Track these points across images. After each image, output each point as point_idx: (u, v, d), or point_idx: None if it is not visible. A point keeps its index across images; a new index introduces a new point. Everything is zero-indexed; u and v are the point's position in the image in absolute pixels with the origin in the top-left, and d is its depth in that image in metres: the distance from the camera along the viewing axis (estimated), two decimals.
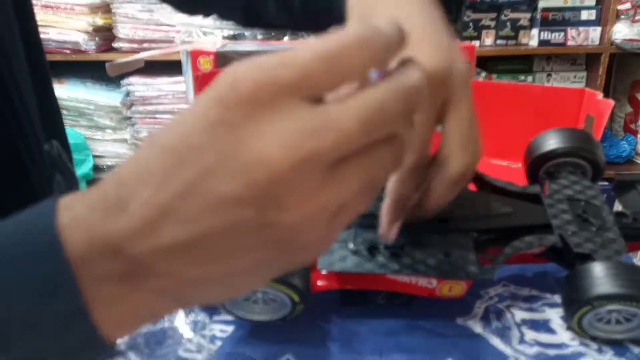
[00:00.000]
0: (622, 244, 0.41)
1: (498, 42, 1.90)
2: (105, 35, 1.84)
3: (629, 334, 0.38)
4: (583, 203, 0.44)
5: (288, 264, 0.22)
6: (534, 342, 0.39)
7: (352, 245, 0.39)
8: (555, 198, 0.44)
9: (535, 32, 1.86)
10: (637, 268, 0.37)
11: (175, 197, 0.19)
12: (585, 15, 1.86)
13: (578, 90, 0.68)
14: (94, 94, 1.86)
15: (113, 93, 1.88)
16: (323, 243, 0.22)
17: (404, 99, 0.20)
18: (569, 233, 0.41)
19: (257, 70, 0.19)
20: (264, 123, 0.19)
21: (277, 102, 0.19)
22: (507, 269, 0.47)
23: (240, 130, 0.19)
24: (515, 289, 0.45)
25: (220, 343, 0.39)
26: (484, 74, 1.94)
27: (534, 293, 0.45)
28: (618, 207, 0.47)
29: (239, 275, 0.21)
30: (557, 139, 0.48)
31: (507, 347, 0.39)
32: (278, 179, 0.18)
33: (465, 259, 0.39)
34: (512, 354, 0.38)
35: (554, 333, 0.40)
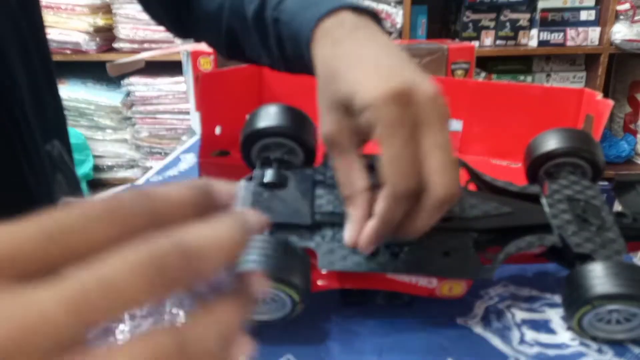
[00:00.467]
0: (622, 244, 0.41)
1: (497, 42, 1.90)
2: (106, 36, 1.84)
3: (629, 334, 0.38)
4: (583, 203, 0.44)
5: None
6: (534, 342, 0.39)
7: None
8: (555, 198, 0.44)
9: (535, 32, 1.86)
10: (637, 268, 0.37)
11: None
12: (585, 16, 1.86)
13: (577, 91, 0.68)
14: (95, 94, 1.87)
15: (113, 93, 1.89)
16: None
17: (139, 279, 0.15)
18: (569, 233, 0.41)
19: None
20: None
21: None
22: (507, 269, 0.47)
23: None
24: (516, 289, 0.45)
25: None
26: (484, 74, 1.94)
27: (534, 293, 0.45)
28: (618, 207, 0.47)
29: None
30: (556, 139, 0.48)
31: (507, 347, 0.39)
32: None
33: (466, 259, 0.39)
34: (512, 354, 0.38)
35: (554, 333, 0.40)
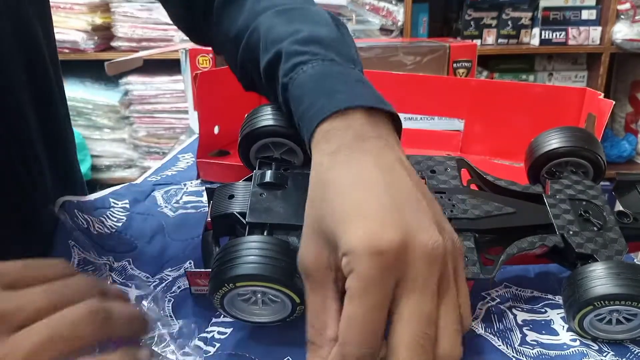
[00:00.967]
0: (623, 244, 0.41)
1: (499, 41, 1.90)
2: (104, 34, 1.84)
3: (630, 334, 0.38)
4: (585, 203, 0.44)
5: None
6: (536, 343, 0.39)
7: None
8: (557, 198, 0.44)
9: (537, 31, 1.86)
10: (638, 268, 0.37)
11: None
12: (586, 15, 1.86)
13: (579, 90, 0.67)
14: (93, 93, 1.86)
15: (111, 92, 1.88)
16: None
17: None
18: (571, 233, 0.41)
19: None
20: None
21: None
22: (509, 270, 0.47)
23: None
24: (517, 290, 0.45)
25: (219, 345, 0.39)
26: (486, 73, 1.94)
27: (536, 294, 0.45)
28: (619, 206, 0.47)
29: None
30: (558, 139, 0.47)
31: (508, 348, 0.39)
32: None
33: (467, 259, 0.38)
34: (513, 355, 0.38)
35: (556, 334, 0.40)
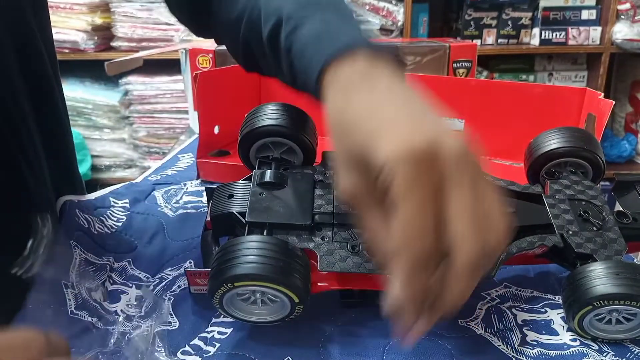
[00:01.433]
0: (622, 244, 0.41)
1: (499, 41, 1.90)
2: (104, 35, 1.84)
3: (629, 334, 0.38)
4: (584, 203, 0.44)
5: None
6: (536, 343, 0.39)
7: (352, 246, 0.38)
8: (557, 198, 0.44)
9: (537, 31, 1.86)
10: (637, 268, 0.37)
11: None
12: (586, 15, 1.86)
13: (579, 90, 0.67)
14: (93, 93, 1.86)
15: (111, 92, 1.88)
16: None
17: None
18: (570, 233, 0.41)
19: None
20: None
21: None
22: (509, 270, 0.47)
23: None
24: (517, 290, 0.45)
25: (219, 345, 0.39)
26: (486, 73, 1.94)
27: (536, 294, 0.45)
28: (619, 207, 0.47)
29: None
30: (558, 139, 0.47)
31: (508, 348, 0.39)
32: None
33: None
34: (513, 355, 0.38)
35: (556, 334, 0.40)
